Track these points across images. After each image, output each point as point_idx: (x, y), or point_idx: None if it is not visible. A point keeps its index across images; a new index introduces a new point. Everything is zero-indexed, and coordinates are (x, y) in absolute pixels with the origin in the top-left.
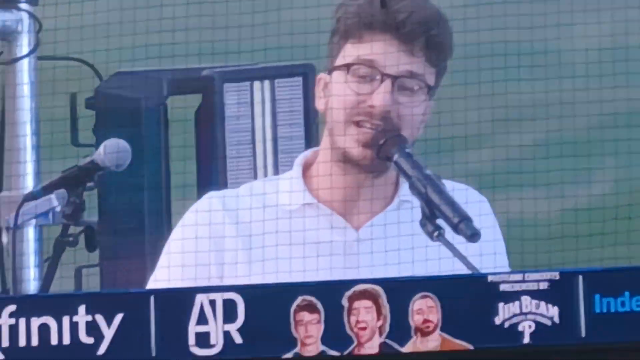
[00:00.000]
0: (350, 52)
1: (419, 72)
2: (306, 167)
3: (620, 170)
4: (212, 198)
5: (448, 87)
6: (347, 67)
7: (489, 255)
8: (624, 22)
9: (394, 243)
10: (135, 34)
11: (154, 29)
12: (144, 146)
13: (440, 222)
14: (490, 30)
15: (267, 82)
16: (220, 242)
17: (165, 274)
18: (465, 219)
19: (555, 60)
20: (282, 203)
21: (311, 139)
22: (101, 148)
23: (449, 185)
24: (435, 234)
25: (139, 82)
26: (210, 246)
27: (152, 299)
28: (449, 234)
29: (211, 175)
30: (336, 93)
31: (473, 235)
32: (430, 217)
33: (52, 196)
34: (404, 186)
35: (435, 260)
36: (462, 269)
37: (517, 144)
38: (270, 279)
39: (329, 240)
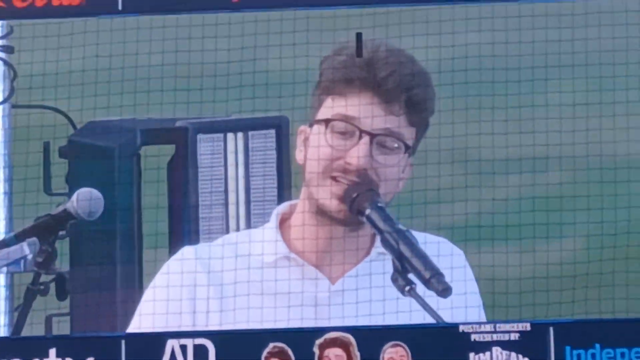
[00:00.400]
0: (330, 106)
1: (398, 131)
2: (283, 220)
3: (592, 226)
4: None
5: (421, 140)
6: (326, 122)
7: (461, 309)
8: (598, 78)
9: (367, 295)
10: (110, 81)
11: (129, 76)
12: (116, 195)
13: (411, 276)
14: (465, 83)
15: (240, 134)
16: (193, 291)
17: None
18: (437, 274)
19: (528, 115)
20: (258, 254)
21: (284, 191)
22: (74, 197)
23: (423, 238)
24: (407, 288)
25: (112, 131)
26: (183, 295)
27: (123, 343)
28: (420, 288)
29: (183, 223)
30: (314, 146)
31: (444, 290)
32: (401, 272)
33: (24, 244)
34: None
35: (406, 312)
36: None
37: (490, 198)
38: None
39: (302, 291)
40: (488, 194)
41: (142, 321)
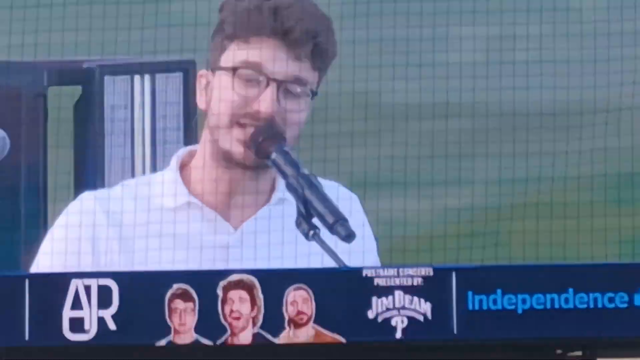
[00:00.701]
0: (235, 53)
1: (305, 78)
2: (183, 166)
3: (505, 171)
4: (85, 200)
5: (322, 84)
6: (233, 70)
7: (358, 253)
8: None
9: (266, 239)
10: (12, 20)
11: (31, 16)
12: (22, 135)
13: (315, 221)
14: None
15: (147, 77)
16: (94, 243)
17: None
18: (341, 219)
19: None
20: (157, 202)
21: (190, 133)
22: None
23: (321, 182)
24: (311, 233)
25: (18, 71)
26: (85, 247)
27: (26, 282)
28: (323, 233)
29: (88, 163)
30: (221, 94)
31: (348, 236)
32: (305, 216)
33: None
34: (282, 185)
35: (305, 256)
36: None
37: (389, 142)
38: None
39: (203, 239)
40: (387, 138)
41: (41, 262)
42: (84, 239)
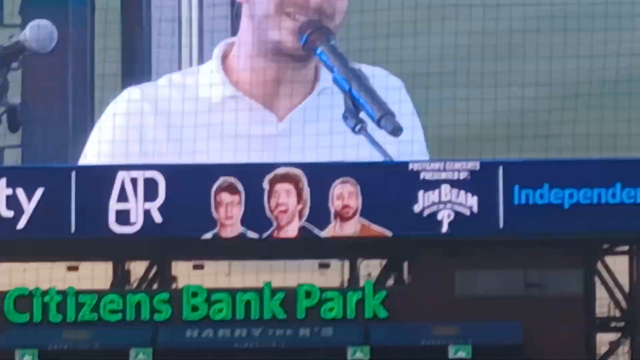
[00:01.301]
0: None
1: None
2: (224, 56)
3: (541, 74)
4: (132, 91)
5: None
6: None
7: (407, 143)
8: None
9: (313, 129)
10: None
11: None
12: (70, 27)
13: (363, 115)
14: None
15: None
16: (142, 131)
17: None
18: (388, 113)
19: None
20: (202, 92)
21: (235, 22)
22: (27, 29)
23: (369, 71)
24: (358, 126)
25: None
26: (132, 135)
27: (73, 174)
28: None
29: (136, 53)
30: None
31: (395, 130)
32: (352, 111)
33: None
34: (324, 74)
35: (354, 147)
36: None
37: (438, 32)
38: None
39: (251, 130)
40: (437, 35)
41: (89, 151)
42: (131, 127)
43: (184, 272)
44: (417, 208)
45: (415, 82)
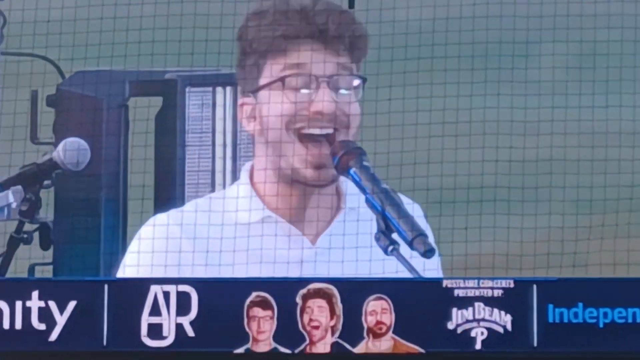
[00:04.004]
0: (273, 67)
1: (349, 68)
2: (251, 180)
3: (582, 190)
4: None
5: (399, 100)
6: (282, 80)
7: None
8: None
9: (347, 252)
10: (102, 30)
11: (121, 27)
12: (103, 146)
13: (395, 236)
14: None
15: (229, 88)
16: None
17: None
18: (421, 234)
19: (521, 77)
20: (233, 217)
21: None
22: (60, 146)
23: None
24: (390, 248)
25: (101, 81)
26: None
27: (105, 287)
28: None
29: (169, 177)
30: (271, 109)
31: (428, 252)
32: (385, 232)
33: (9, 192)
34: (348, 190)
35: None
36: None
37: (465, 160)
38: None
39: (290, 256)
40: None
41: (125, 273)
42: (156, 251)
43: None
44: (450, 325)
45: (442, 209)
